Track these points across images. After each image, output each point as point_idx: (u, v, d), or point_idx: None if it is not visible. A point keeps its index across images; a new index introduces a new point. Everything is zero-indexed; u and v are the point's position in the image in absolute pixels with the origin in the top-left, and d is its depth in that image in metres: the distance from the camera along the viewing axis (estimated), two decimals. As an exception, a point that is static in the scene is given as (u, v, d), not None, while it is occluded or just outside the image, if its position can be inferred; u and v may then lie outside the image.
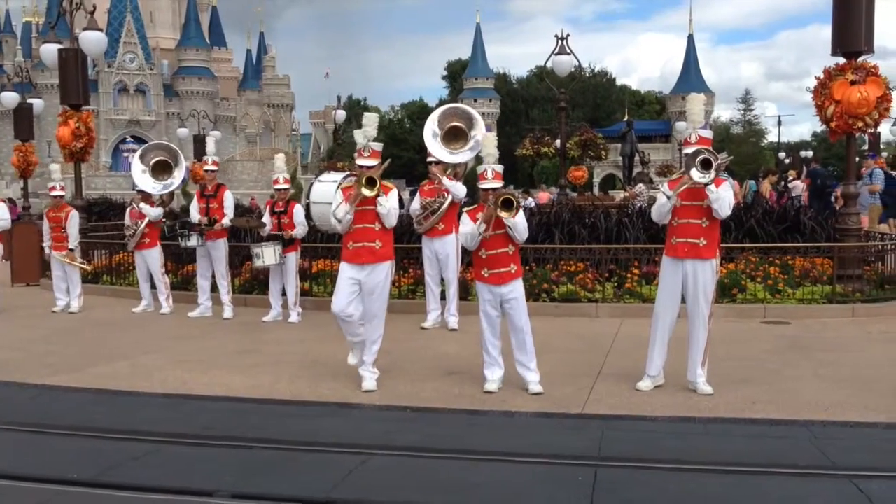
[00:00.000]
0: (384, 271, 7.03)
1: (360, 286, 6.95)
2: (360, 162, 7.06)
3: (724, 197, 6.47)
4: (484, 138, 7.12)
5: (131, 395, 6.97)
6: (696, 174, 6.37)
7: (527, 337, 6.82)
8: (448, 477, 4.88)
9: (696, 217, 6.61)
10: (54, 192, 12.15)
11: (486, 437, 5.77)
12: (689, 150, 6.62)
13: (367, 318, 7.01)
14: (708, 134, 6.74)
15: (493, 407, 6.40)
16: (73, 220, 12.01)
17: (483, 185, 6.69)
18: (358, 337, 7.09)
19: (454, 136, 9.68)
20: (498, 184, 6.68)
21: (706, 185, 6.39)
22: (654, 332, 6.84)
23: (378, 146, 7.19)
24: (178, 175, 11.88)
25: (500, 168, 6.82)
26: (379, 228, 6.99)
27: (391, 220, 7.03)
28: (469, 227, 6.70)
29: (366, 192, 6.82)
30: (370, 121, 7.22)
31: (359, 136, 7.19)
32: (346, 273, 7.00)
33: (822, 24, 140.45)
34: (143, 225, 11.61)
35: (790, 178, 24.02)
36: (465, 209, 6.95)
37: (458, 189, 9.71)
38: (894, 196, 16.20)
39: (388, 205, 6.97)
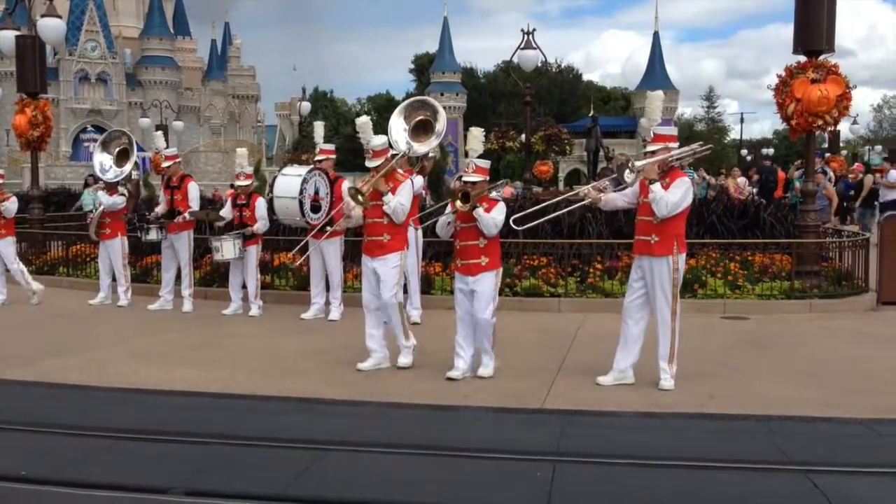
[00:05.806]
0: (392, 262, 7.30)
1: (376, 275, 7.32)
2: (368, 164, 7.38)
3: (661, 198, 6.44)
4: (470, 133, 7.32)
5: (85, 390, 6.83)
6: (628, 177, 6.61)
7: (487, 328, 6.93)
8: (406, 472, 4.84)
9: (646, 214, 6.63)
10: None
11: (446, 431, 5.75)
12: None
13: (382, 305, 7.34)
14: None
15: (455, 402, 6.37)
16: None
17: (463, 177, 6.96)
18: (377, 340, 7.42)
19: (423, 129, 9.63)
20: (477, 178, 6.87)
21: (631, 184, 6.66)
22: (621, 328, 6.87)
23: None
24: (129, 164, 11.58)
25: (483, 163, 7.01)
26: (387, 222, 7.29)
27: (399, 218, 7.29)
28: (443, 217, 7.04)
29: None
30: (364, 127, 8.01)
31: (367, 141, 7.58)
32: (363, 263, 7.48)
33: (780, 24, 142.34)
34: (98, 212, 11.42)
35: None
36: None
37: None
38: None
39: (394, 202, 7.21)
